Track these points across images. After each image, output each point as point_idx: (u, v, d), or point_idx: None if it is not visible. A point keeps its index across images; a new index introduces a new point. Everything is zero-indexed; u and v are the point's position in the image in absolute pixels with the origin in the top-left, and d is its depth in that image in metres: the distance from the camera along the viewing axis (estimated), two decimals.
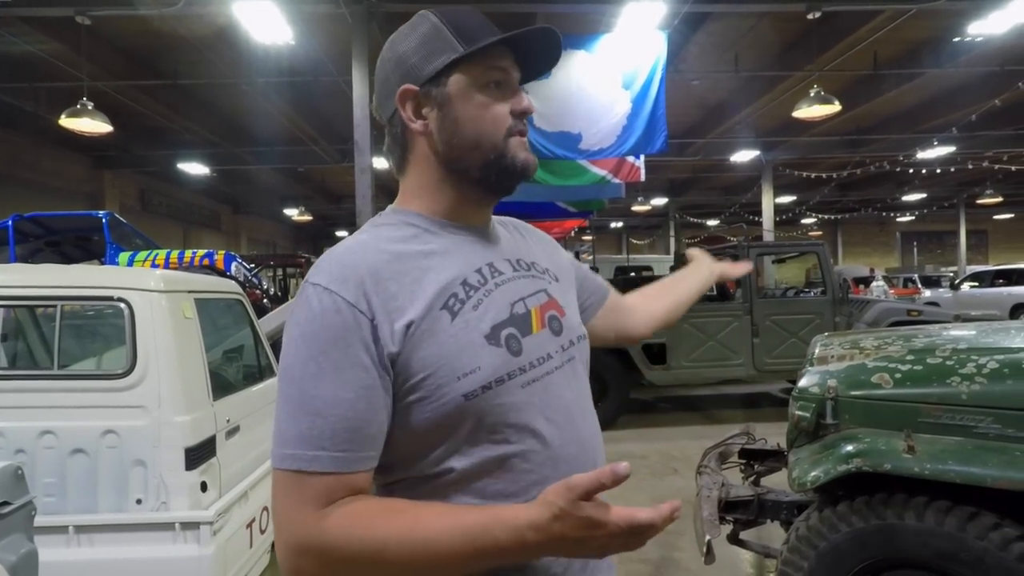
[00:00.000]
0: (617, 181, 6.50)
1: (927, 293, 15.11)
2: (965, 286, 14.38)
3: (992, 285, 13.69)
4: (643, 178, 6.60)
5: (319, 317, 0.68)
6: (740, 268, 1.25)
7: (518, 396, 0.72)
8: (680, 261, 7.76)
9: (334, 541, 0.64)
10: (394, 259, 0.73)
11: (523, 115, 0.79)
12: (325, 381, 0.67)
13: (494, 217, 0.88)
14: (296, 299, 0.73)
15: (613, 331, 1.05)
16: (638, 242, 25.88)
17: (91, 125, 7.43)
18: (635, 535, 0.61)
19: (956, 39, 8.28)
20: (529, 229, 0.94)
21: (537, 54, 0.81)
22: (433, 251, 0.76)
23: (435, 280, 0.73)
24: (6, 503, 1.46)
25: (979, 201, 19.37)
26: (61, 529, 2.13)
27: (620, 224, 24.81)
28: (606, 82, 5.76)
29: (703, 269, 1.21)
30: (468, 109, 0.76)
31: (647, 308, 1.11)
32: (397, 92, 0.77)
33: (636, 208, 18.69)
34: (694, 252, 1.28)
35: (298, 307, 0.71)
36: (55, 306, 2.45)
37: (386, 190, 18.02)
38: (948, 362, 1.94)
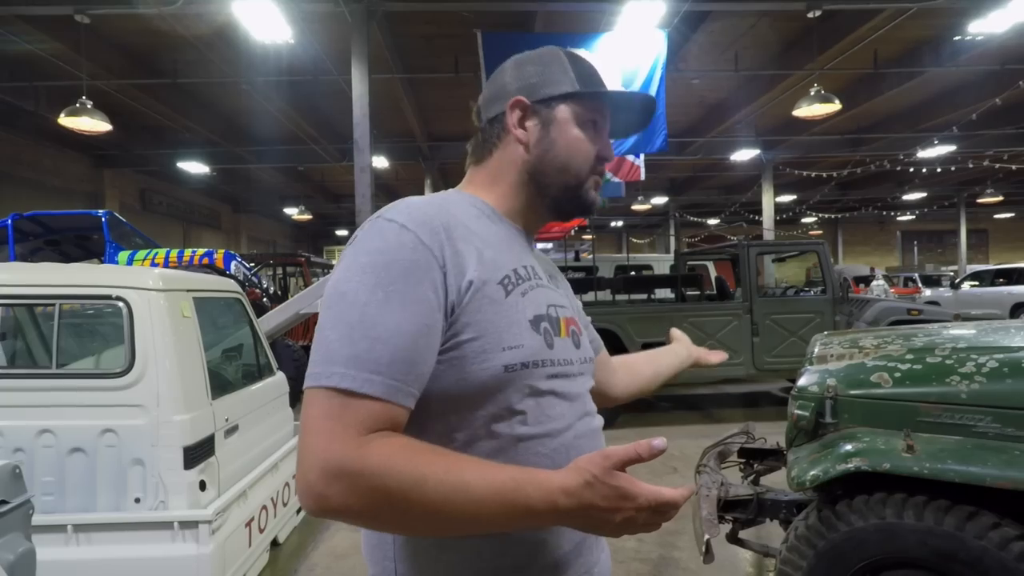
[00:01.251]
0: (617, 180, 6.49)
1: (927, 292, 15.10)
2: (965, 285, 14.38)
3: (992, 284, 13.68)
4: (643, 177, 6.60)
5: (394, 249, 0.70)
6: (715, 357, 1.32)
7: (544, 384, 0.76)
8: (680, 261, 7.76)
9: (373, 468, 0.62)
10: (461, 225, 0.77)
11: (604, 161, 0.88)
12: (391, 310, 0.67)
13: None
14: (364, 232, 0.73)
15: (595, 385, 1.08)
16: (638, 241, 25.87)
17: (91, 124, 7.43)
18: (658, 513, 0.64)
19: (957, 38, 8.27)
20: (551, 263, 1.02)
21: (630, 115, 0.93)
22: (491, 235, 0.81)
23: (492, 257, 0.77)
24: (4, 502, 1.46)
25: (980, 200, 19.34)
26: (59, 528, 2.13)
27: (620, 223, 24.80)
28: (606, 81, 5.74)
29: (682, 351, 1.28)
30: (566, 136, 0.85)
31: (629, 373, 1.16)
32: (511, 100, 0.85)
33: (636, 207, 18.69)
34: (675, 333, 1.35)
35: (368, 237, 0.72)
36: (54, 305, 2.45)
37: (385, 189, 18.04)
38: (948, 361, 1.93)
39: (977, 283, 14.17)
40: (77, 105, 7.29)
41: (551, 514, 0.63)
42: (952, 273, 17.94)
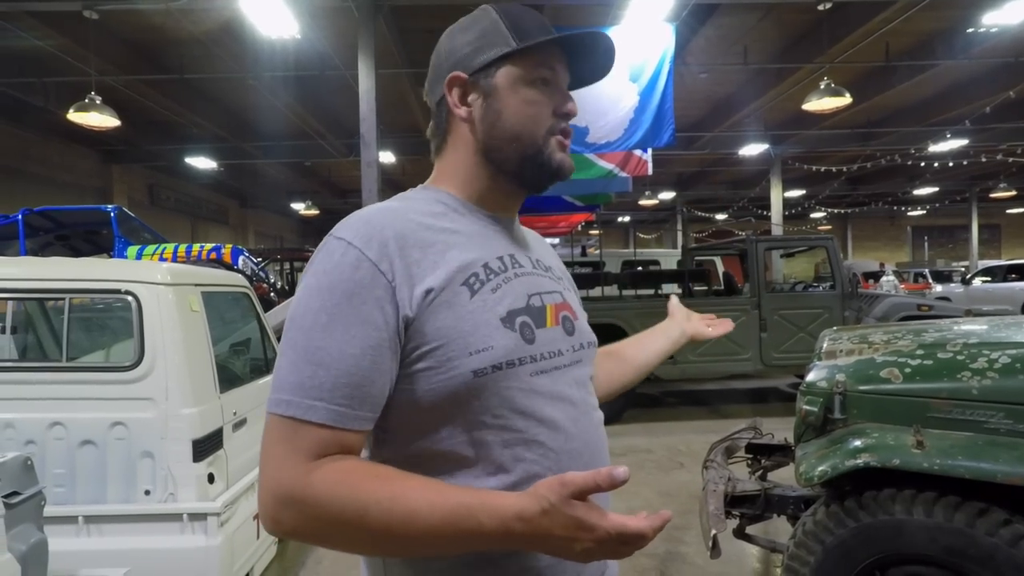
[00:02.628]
0: (624, 175, 6.45)
1: (938, 288, 14.97)
2: (977, 281, 14.24)
3: (1004, 280, 13.55)
4: (650, 172, 6.55)
5: (337, 270, 0.68)
6: (718, 329, 1.18)
7: (526, 383, 0.72)
8: (687, 256, 7.72)
9: (316, 496, 0.63)
10: (421, 228, 0.74)
11: (566, 117, 0.80)
12: (333, 334, 0.66)
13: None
14: (317, 251, 0.72)
15: None
16: (645, 236, 25.77)
17: (99, 119, 7.47)
18: (624, 544, 0.60)
19: (970, 30, 8.15)
20: (545, 243, 0.98)
21: (589, 60, 0.83)
22: (459, 230, 0.77)
23: (457, 257, 0.73)
24: (16, 493, 1.48)
25: (992, 195, 19.12)
26: (71, 519, 2.15)
27: (627, 218, 24.71)
28: (613, 75, 5.69)
29: (674, 331, 1.16)
30: (512, 102, 0.78)
31: (616, 362, 1.07)
32: (447, 78, 0.79)
33: (643, 202, 18.61)
34: (674, 305, 1.22)
35: (318, 258, 0.70)
36: (64, 299, 2.47)
37: (392, 183, 18.05)
38: (959, 357, 1.92)
39: (989, 279, 14.04)
40: (86, 101, 7.34)
41: (505, 540, 0.61)
42: (963, 269, 17.78)
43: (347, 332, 0.66)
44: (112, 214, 6.48)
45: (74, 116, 7.41)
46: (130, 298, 2.36)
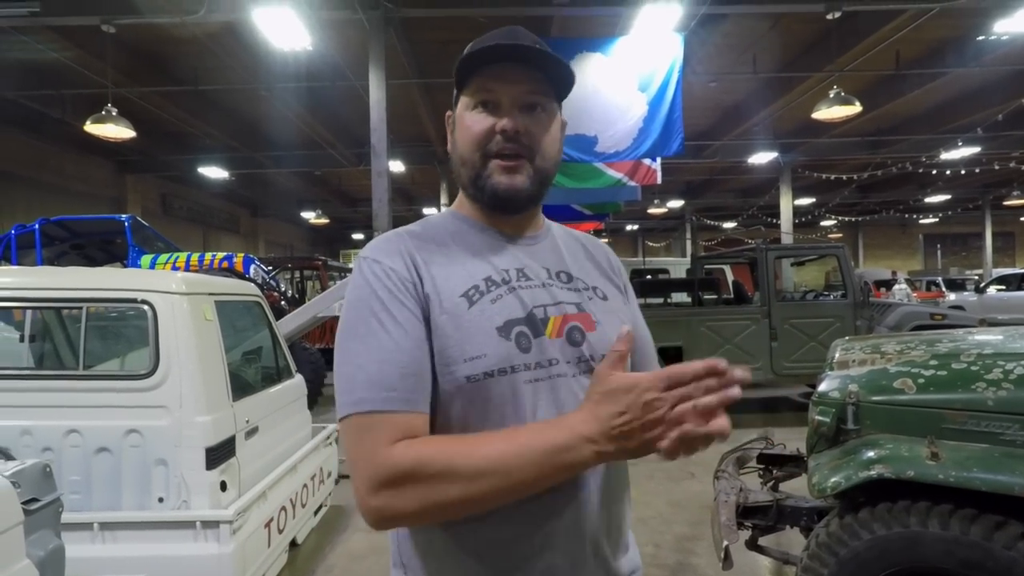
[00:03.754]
0: (633, 184, 6.47)
1: (951, 296, 14.80)
2: (991, 289, 14.07)
3: (1019, 288, 13.37)
4: (659, 180, 6.56)
5: (372, 280, 0.78)
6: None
7: (522, 390, 0.75)
8: (696, 264, 7.69)
9: (405, 465, 0.68)
10: (433, 244, 0.83)
11: (503, 134, 0.79)
12: (388, 332, 0.74)
13: (564, 228, 0.97)
14: (352, 274, 0.83)
15: None
16: (654, 244, 25.71)
17: (115, 131, 7.59)
18: (668, 389, 0.64)
19: (981, 37, 8.11)
20: (597, 247, 0.98)
21: (539, 59, 0.80)
22: (470, 245, 0.84)
23: (461, 271, 0.80)
24: (35, 499, 1.50)
25: (1006, 203, 18.93)
26: (86, 526, 2.17)
27: (636, 227, 24.67)
28: (622, 85, 5.74)
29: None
30: (460, 130, 0.84)
31: None
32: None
33: (652, 210, 18.59)
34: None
35: (354, 276, 0.81)
36: (80, 308, 2.51)
37: (402, 193, 18.16)
38: (973, 367, 1.90)
39: (1003, 287, 13.86)
40: (103, 113, 7.46)
41: (581, 443, 0.66)
42: (977, 277, 17.55)
43: (399, 328, 0.74)
44: (126, 223, 6.58)
45: (91, 128, 7.54)
46: (146, 307, 2.39)
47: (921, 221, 25.11)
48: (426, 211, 17.92)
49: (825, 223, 23.63)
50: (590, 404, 0.67)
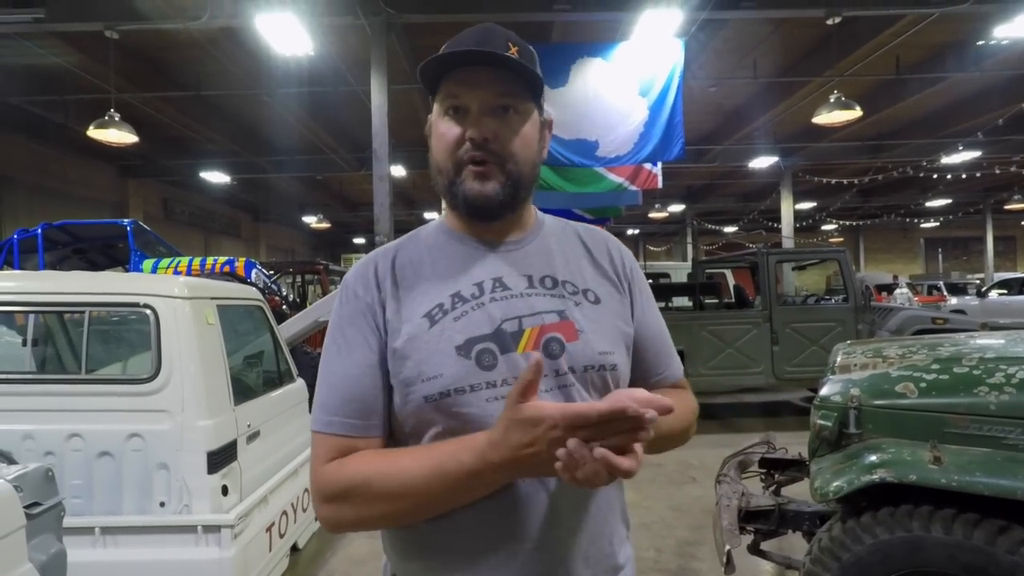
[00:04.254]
0: (634, 188, 6.48)
1: (953, 301, 14.79)
2: (993, 293, 14.06)
3: (1021, 292, 13.36)
4: (660, 185, 6.57)
5: (339, 306, 0.83)
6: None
7: (483, 408, 0.74)
8: (698, 269, 7.68)
9: (336, 487, 0.74)
10: (408, 261, 0.84)
11: (471, 142, 0.78)
12: (340, 358, 0.79)
13: (561, 223, 0.92)
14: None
15: None
16: (655, 249, 25.71)
17: (118, 136, 7.62)
18: (573, 428, 0.61)
19: (981, 42, 8.12)
20: (598, 242, 0.90)
21: (510, 63, 0.78)
22: (446, 258, 0.84)
23: (430, 290, 0.81)
24: (37, 504, 1.50)
25: (1007, 207, 18.92)
26: (88, 530, 2.17)
27: (637, 231, 24.67)
28: (623, 90, 5.75)
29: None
30: (434, 138, 0.83)
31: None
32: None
33: (653, 215, 18.60)
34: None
35: (336, 296, 0.86)
36: (83, 312, 2.51)
37: (403, 197, 18.18)
38: (975, 372, 1.90)
39: (1005, 291, 13.84)
40: (106, 118, 7.49)
41: (487, 468, 0.67)
42: (978, 281, 17.54)
43: (350, 355, 0.79)
44: (128, 228, 6.59)
45: (94, 133, 7.57)
46: (148, 311, 2.40)
47: (922, 225, 25.10)
48: (427, 215, 17.93)
49: (826, 227, 23.63)
50: (501, 428, 0.66)
